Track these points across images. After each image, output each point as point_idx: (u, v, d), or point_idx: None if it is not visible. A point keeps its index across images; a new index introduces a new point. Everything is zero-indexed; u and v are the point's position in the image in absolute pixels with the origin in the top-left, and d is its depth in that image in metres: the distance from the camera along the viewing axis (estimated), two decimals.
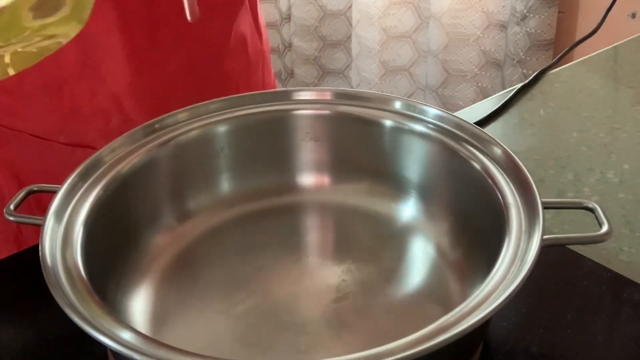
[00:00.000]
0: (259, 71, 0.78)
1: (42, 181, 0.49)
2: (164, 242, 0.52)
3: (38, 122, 0.65)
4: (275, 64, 2.02)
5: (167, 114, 0.54)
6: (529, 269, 0.37)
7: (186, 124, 0.54)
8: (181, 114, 0.54)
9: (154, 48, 0.65)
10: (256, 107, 0.56)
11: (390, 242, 0.53)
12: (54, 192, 0.45)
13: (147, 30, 0.64)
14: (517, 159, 0.47)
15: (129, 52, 0.63)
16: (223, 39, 0.70)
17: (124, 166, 0.49)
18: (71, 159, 0.56)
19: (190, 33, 0.66)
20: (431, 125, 0.53)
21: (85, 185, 0.47)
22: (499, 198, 0.45)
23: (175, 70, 0.67)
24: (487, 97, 0.82)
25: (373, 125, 0.55)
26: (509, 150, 0.48)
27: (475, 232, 0.49)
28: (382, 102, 0.55)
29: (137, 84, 0.65)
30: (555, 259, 0.52)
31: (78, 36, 0.57)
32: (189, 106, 0.55)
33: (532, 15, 1.44)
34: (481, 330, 0.43)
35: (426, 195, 0.54)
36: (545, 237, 0.40)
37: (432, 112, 0.53)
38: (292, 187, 0.58)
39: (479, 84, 1.67)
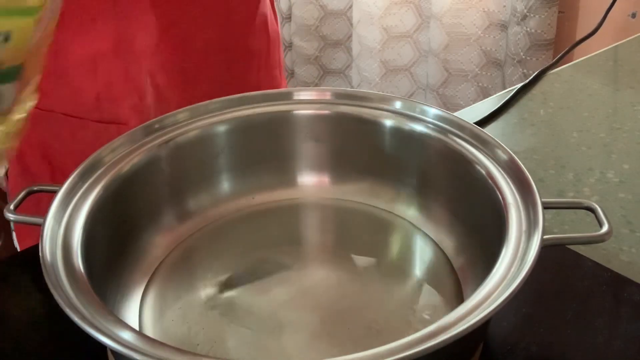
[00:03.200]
0: (277, 51, 0.80)
1: (73, 161, 0.48)
2: (164, 242, 0.52)
3: (71, 100, 0.66)
4: None
5: (167, 114, 0.54)
6: (529, 269, 0.37)
7: (186, 124, 0.54)
8: (181, 114, 0.54)
9: (185, 24, 0.66)
10: (256, 107, 0.56)
11: (389, 241, 0.53)
12: (54, 192, 0.45)
13: (178, 6, 0.65)
14: (517, 159, 0.47)
15: (160, 28, 0.64)
16: (249, 18, 0.72)
17: (124, 166, 0.49)
18: (104, 136, 0.55)
19: (218, 10, 0.67)
20: (431, 125, 0.53)
21: (85, 185, 0.47)
22: (499, 198, 0.45)
23: (203, 47, 0.68)
24: (487, 97, 0.82)
25: (373, 125, 0.55)
26: (509, 150, 0.48)
27: (475, 232, 0.49)
28: (382, 102, 0.55)
29: (169, 59, 0.66)
30: (555, 259, 0.52)
31: (112, 14, 0.59)
32: (189, 106, 0.55)
33: (532, 15, 1.44)
34: (481, 330, 0.43)
35: (426, 195, 0.54)
36: (545, 237, 0.40)
37: (432, 112, 0.53)
38: (292, 187, 0.58)
39: (480, 84, 1.67)
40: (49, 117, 0.67)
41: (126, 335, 0.35)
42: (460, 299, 0.47)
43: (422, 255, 0.52)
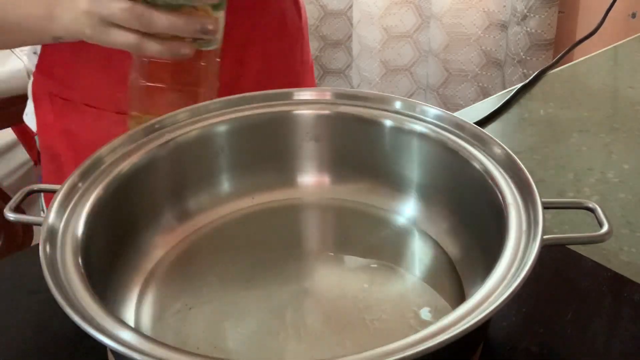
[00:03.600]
0: (297, 47, 0.81)
1: (94, 150, 0.50)
2: (164, 242, 0.52)
3: (90, 92, 0.71)
4: None
5: (167, 114, 0.54)
6: (529, 269, 0.37)
7: (186, 124, 0.54)
8: (181, 114, 0.54)
9: None
10: (256, 107, 0.56)
11: (390, 241, 0.53)
12: (54, 192, 0.45)
13: None
14: (517, 159, 0.47)
15: None
16: (265, 14, 0.74)
17: (124, 166, 0.49)
18: (121, 127, 0.57)
19: (233, 6, 0.69)
20: (431, 125, 0.53)
21: (85, 185, 0.47)
22: (499, 198, 0.45)
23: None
24: (487, 97, 0.82)
25: (373, 125, 0.55)
26: (509, 150, 0.48)
27: (475, 232, 0.49)
28: (382, 102, 0.55)
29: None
30: (555, 259, 0.52)
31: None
32: (189, 106, 0.55)
33: (532, 15, 1.44)
34: (481, 330, 0.43)
35: (426, 195, 0.54)
36: (545, 237, 0.40)
37: (432, 112, 0.53)
38: (292, 187, 0.58)
39: (480, 84, 1.67)
40: (74, 108, 0.71)
41: (126, 335, 0.35)
42: (460, 299, 0.46)
43: (422, 255, 0.52)
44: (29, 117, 0.77)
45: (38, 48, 0.72)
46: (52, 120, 0.74)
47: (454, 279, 0.49)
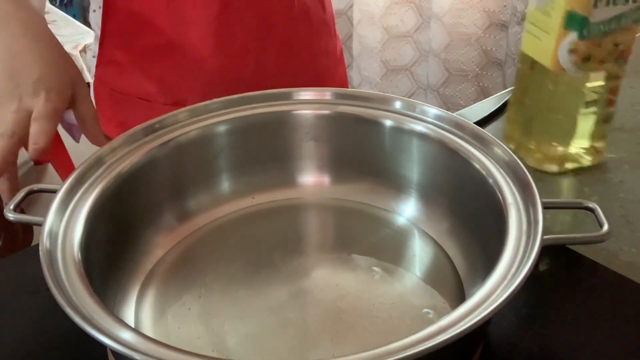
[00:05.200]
0: (322, 39, 0.85)
1: None
2: (164, 242, 0.52)
3: (140, 86, 0.78)
4: None
5: (167, 114, 0.54)
6: (529, 269, 0.37)
7: (186, 124, 0.54)
8: (181, 114, 0.54)
9: (228, 14, 0.74)
10: (256, 107, 0.56)
11: (390, 241, 0.53)
12: (54, 192, 0.46)
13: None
14: (517, 159, 0.47)
15: (208, 19, 0.73)
16: (287, 6, 0.78)
17: (124, 166, 0.49)
18: None
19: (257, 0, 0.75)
20: (431, 125, 0.53)
21: (85, 185, 0.47)
22: (499, 198, 0.45)
23: (245, 35, 0.76)
24: (487, 97, 0.82)
25: (373, 125, 0.55)
26: (509, 150, 0.48)
27: (475, 232, 0.49)
28: (382, 102, 0.55)
29: (216, 47, 0.75)
30: (555, 259, 0.52)
31: (168, 12, 0.73)
32: (189, 106, 0.55)
33: None
34: (481, 330, 0.43)
35: (426, 195, 0.54)
36: (545, 237, 0.40)
37: (432, 112, 0.53)
38: (292, 187, 0.58)
39: (480, 84, 1.67)
40: (128, 101, 0.79)
41: (126, 335, 0.35)
42: (460, 298, 0.46)
43: (422, 255, 0.52)
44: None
45: (96, 47, 0.79)
46: (110, 114, 0.81)
47: (453, 279, 0.49)
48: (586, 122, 0.62)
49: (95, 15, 0.80)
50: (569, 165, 0.64)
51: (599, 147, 0.64)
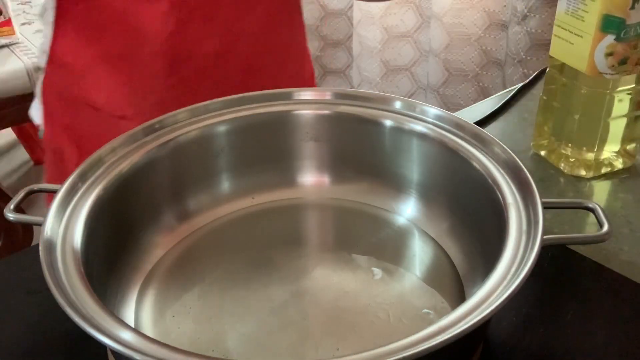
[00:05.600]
0: (288, 62, 0.82)
1: (95, 148, 0.50)
2: (164, 242, 0.52)
3: (89, 94, 0.74)
4: None
5: (167, 114, 0.54)
6: (529, 269, 0.37)
7: (186, 124, 0.54)
8: (181, 114, 0.54)
9: (185, 32, 0.69)
10: (256, 107, 0.56)
11: (390, 241, 0.53)
12: (54, 192, 0.46)
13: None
14: (517, 159, 0.47)
15: (162, 35, 0.68)
16: (250, 26, 0.74)
17: (124, 166, 0.49)
18: (115, 129, 0.59)
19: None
20: (431, 125, 0.53)
21: (85, 185, 0.47)
22: (499, 198, 0.45)
23: (203, 58, 0.71)
24: (487, 97, 0.82)
25: (373, 125, 0.55)
26: (509, 150, 0.48)
27: (475, 232, 0.49)
28: (382, 102, 0.55)
29: (171, 67, 0.70)
30: (555, 259, 0.52)
31: (124, 22, 0.68)
32: (189, 106, 0.55)
33: (532, 14, 1.44)
34: (481, 330, 0.43)
35: (426, 195, 0.54)
36: (545, 237, 0.40)
37: (432, 112, 0.53)
38: (292, 187, 0.58)
39: (480, 84, 1.67)
40: (74, 105, 0.75)
41: (126, 335, 0.35)
42: (460, 298, 0.46)
43: (422, 255, 0.52)
44: (34, 110, 0.80)
45: (47, 46, 0.74)
46: (56, 116, 0.78)
47: (453, 279, 0.49)
48: (617, 126, 0.61)
49: (48, 14, 0.73)
50: (604, 170, 0.63)
51: (630, 150, 0.64)
